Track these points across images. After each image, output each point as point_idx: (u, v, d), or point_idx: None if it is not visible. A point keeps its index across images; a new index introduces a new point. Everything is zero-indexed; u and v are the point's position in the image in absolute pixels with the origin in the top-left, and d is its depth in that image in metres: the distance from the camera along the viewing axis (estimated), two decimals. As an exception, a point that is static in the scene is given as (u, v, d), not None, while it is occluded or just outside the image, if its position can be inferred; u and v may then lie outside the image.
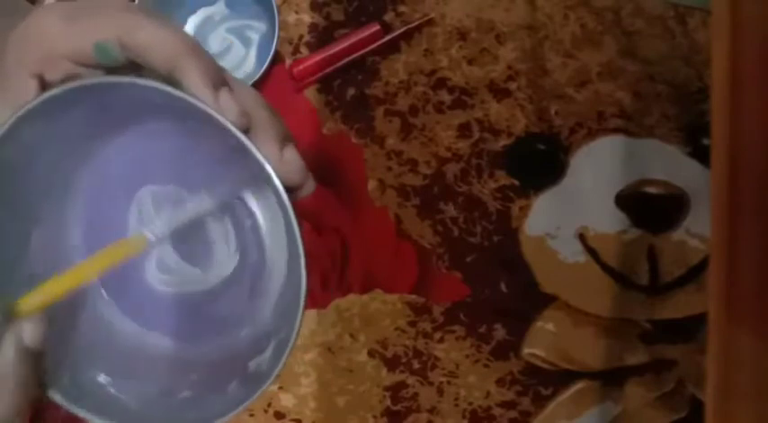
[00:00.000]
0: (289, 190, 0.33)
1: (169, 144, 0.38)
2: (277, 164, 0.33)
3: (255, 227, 0.39)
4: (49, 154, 0.36)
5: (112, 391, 0.37)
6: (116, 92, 0.33)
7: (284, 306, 0.36)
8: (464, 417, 0.62)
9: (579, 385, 0.61)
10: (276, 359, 0.34)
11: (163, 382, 0.38)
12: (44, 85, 0.35)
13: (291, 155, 0.34)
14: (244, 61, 0.66)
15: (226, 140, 0.32)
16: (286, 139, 0.34)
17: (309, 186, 0.36)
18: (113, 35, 0.33)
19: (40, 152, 0.35)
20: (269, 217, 0.39)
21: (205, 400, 0.36)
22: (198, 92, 0.32)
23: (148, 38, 0.32)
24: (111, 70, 0.34)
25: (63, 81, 0.33)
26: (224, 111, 0.32)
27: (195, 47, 0.33)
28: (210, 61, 0.33)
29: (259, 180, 0.33)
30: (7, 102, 0.34)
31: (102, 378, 0.37)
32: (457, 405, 0.62)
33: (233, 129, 0.31)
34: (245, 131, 0.32)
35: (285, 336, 0.34)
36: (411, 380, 0.63)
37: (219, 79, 0.33)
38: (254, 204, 0.39)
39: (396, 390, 0.63)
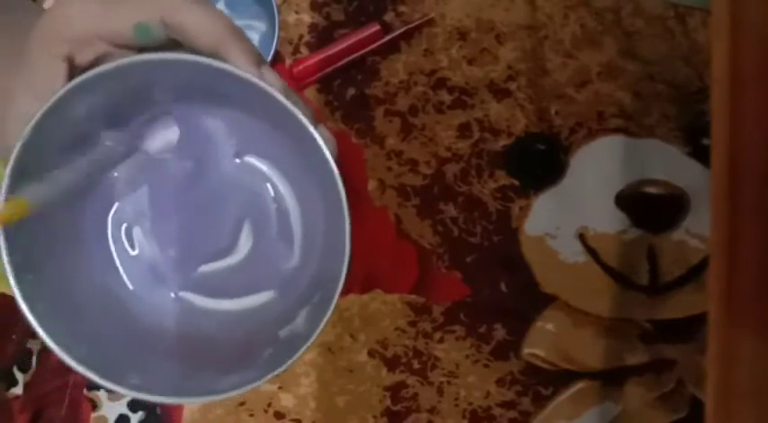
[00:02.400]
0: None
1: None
2: (323, 135, 0.35)
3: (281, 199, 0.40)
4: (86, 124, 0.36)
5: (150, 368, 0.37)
6: (166, 68, 0.34)
7: (319, 271, 0.38)
8: (464, 417, 0.62)
9: (579, 385, 0.61)
10: (312, 322, 0.35)
11: (194, 361, 0.38)
12: (73, 69, 0.35)
13: (325, 132, 0.36)
14: (244, 61, 0.66)
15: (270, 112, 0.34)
16: (313, 116, 0.37)
17: (334, 148, 0.38)
18: (156, 16, 0.34)
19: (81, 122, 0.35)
20: (307, 189, 0.40)
21: (240, 368, 0.36)
22: (245, 68, 0.34)
23: (193, 19, 0.34)
24: (142, 50, 0.35)
25: (93, 63, 0.34)
26: (270, 84, 0.34)
27: (236, 28, 0.35)
28: (250, 41, 0.35)
29: (303, 149, 0.35)
30: (35, 88, 0.35)
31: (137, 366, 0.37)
32: (457, 405, 0.62)
33: (282, 99, 0.33)
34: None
35: (321, 298, 0.35)
36: (411, 380, 0.63)
37: (260, 58, 0.35)
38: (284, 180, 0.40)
39: (396, 390, 0.63)
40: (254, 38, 0.67)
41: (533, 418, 0.62)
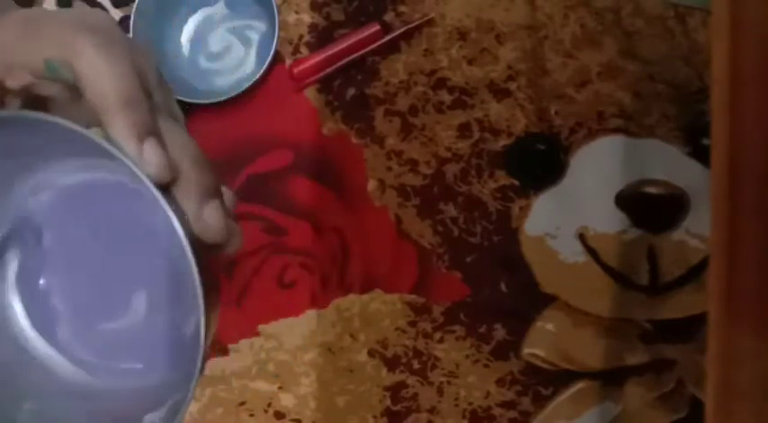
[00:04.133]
0: (208, 247, 0.32)
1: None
2: (194, 221, 0.31)
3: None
4: None
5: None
6: (33, 127, 0.31)
7: (185, 365, 0.34)
8: (464, 417, 0.62)
9: (579, 385, 0.61)
10: (170, 419, 0.32)
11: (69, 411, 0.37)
12: (5, 92, 0.33)
13: (212, 212, 0.32)
14: (244, 61, 0.66)
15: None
16: (211, 194, 0.33)
17: (234, 244, 0.34)
18: (60, 55, 0.31)
19: None
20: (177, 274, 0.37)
21: None
22: (120, 141, 0.30)
23: (91, 71, 0.30)
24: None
25: (23, 90, 0.32)
26: (146, 163, 0.30)
27: (131, 87, 0.31)
28: (142, 105, 0.31)
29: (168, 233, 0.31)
30: None
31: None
32: (457, 405, 0.62)
33: (148, 183, 0.30)
34: (167, 185, 0.31)
35: (181, 397, 0.32)
36: (411, 380, 0.63)
37: (148, 128, 0.31)
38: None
39: (396, 390, 0.63)
40: (254, 38, 0.67)
41: (533, 418, 0.62)
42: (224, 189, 0.35)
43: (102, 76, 0.30)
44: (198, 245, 0.31)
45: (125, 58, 0.31)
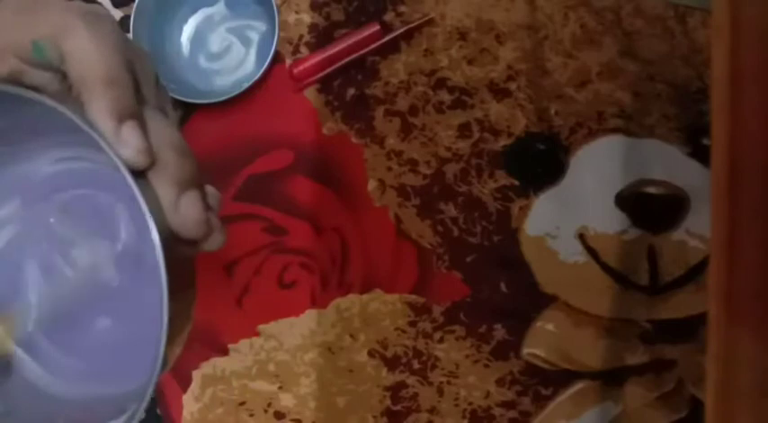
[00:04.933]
0: (185, 242, 0.31)
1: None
2: (170, 212, 0.30)
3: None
4: None
5: None
6: (20, 104, 0.30)
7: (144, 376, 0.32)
8: (464, 417, 0.62)
9: (579, 385, 0.61)
10: None
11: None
12: None
13: (190, 204, 0.31)
14: (244, 61, 0.66)
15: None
16: (190, 184, 0.31)
17: (215, 241, 0.32)
18: (50, 35, 0.30)
19: None
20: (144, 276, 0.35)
21: None
22: (98, 121, 0.29)
23: (77, 50, 0.30)
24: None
25: (9, 77, 0.32)
26: (122, 144, 0.29)
27: (117, 69, 0.30)
28: (127, 89, 0.30)
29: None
30: None
31: None
32: (457, 405, 0.62)
33: (121, 165, 0.29)
34: (144, 170, 0.30)
35: (135, 408, 0.31)
36: (411, 380, 0.63)
37: (129, 111, 0.30)
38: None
39: (396, 390, 0.63)
40: (254, 38, 0.67)
41: (533, 418, 0.62)
42: (210, 188, 0.34)
43: (88, 54, 0.30)
44: (174, 239, 0.30)
45: (115, 45, 0.31)
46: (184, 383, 0.65)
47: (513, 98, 0.63)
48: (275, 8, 0.63)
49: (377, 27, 0.64)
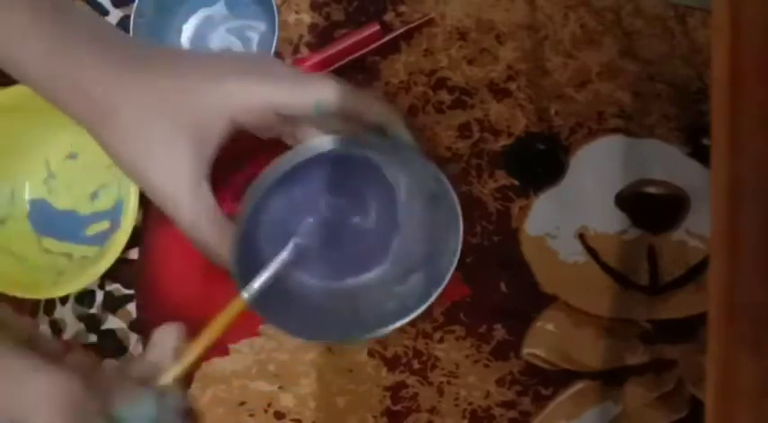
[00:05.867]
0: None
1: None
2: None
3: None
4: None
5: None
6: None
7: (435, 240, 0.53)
8: (464, 417, 0.62)
9: (579, 385, 0.61)
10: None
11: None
12: (235, 127, 0.49)
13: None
14: (244, 61, 0.66)
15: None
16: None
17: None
18: (334, 97, 0.48)
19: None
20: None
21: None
22: (406, 137, 0.50)
23: (364, 101, 0.49)
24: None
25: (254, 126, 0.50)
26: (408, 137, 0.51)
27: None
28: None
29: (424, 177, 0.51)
30: (195, 136, 0.48)
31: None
32: (457, 405, 0.62)
33: (434, 169, 0.50)
34: None
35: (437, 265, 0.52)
36: (411, 380, 0.63)
37: (404, 120, 0.50)
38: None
39: (396, 390, 0.63)
40: (254, 38, 0.67)
41: (533, 418, 0.62)
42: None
43: (372, 99, 0.52)
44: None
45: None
46: (184, 383, 0.65)
47: (513, 98, 0.63)
48: (275, 8, 0.63)
49: (377, 27, 0.64)
